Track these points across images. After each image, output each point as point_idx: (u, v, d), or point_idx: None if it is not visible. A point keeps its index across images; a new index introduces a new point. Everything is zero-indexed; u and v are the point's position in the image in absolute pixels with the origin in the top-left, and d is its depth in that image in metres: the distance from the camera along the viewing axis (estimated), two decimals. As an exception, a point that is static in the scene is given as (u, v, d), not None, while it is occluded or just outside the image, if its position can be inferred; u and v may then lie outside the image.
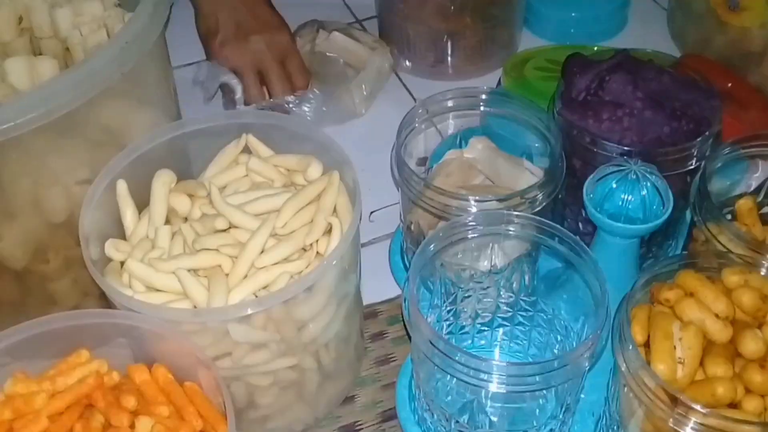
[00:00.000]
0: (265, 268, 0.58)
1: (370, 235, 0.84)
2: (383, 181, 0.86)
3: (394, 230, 0.83)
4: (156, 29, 0.62)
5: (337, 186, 0.62)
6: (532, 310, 0.68)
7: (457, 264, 0.66)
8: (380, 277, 0.79)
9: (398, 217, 0.78)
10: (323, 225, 0.60)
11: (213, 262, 0.59)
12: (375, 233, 0.84)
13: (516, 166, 0.69)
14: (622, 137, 0.66)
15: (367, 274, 0.78)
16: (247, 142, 0.67)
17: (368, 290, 0.77)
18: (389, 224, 0.84)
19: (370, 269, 0.79)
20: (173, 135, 0.66)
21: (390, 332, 0.76)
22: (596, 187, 0.62)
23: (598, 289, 0.58)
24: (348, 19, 1.11)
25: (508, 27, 1.01)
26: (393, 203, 0.85)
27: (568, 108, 0.69)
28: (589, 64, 0.71)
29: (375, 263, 0.80)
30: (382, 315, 0.77)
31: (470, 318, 0.69)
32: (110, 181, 0.63)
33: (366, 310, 0.76)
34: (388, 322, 0.76)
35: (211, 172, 0.67)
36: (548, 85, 0.91)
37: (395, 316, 0.77)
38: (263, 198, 0.62)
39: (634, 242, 0.63)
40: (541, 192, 0.64)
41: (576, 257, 0.59)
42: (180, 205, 0.63)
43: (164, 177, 0.63)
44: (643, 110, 0.67)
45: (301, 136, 0.66)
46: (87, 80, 0.57)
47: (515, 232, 0.62)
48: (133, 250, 0.60)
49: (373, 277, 0.79)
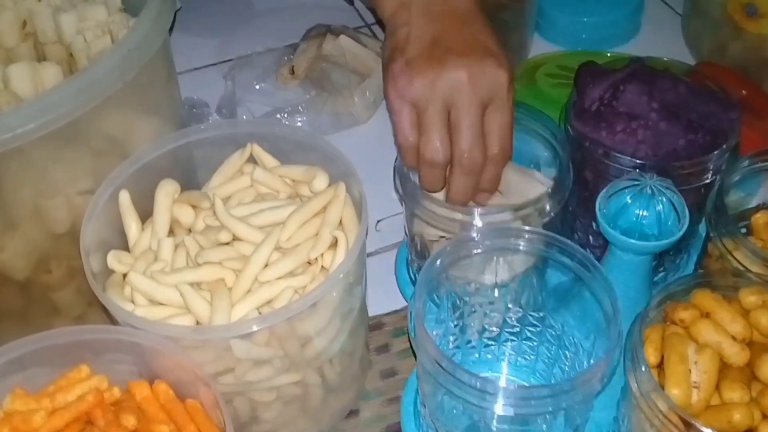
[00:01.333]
0: (269, 282, 0.57)
1: (376, 244, 0.83)
2: (390, 189, 0.84)
3: (400, 240, 0.82)
4: (159, 36, 0.60)
5: (343, 198, 0.61)
6: (540, 326, 0.66)
7: (463, 278, 0.65)
8: (386, 288, 0.78)
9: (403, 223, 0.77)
10: (328, 239, 0.59)
11: (216, 276, 0.57)
12: (381, 243, 0.83)
13: (526, 176, 0.68)
14: (636, 150, 0.65)
15: (372, 284, 0.77)
16: (252, 151, 0.66)
17: (373, 301, 0.76)
18: (396, 234, 0.83)
19: (375, 280, 0.77)
20: (177, 144, 0.65)
21: (395, 345, 0.74)
22: (609, 202, 0.60)
23: (609, 307, 0.56)
24: (357, 23, 1.10)
25: (519, 32, 0.99)
26: (400, 212, 0.84)
27: (581, 119, 0.67)
28: (603, 74, 0.69)
29: (381, 274, 0.79)
30: (388, 327, 0.76)
31: (477, 333, 0.68)
32: (113, 192, 0.61)
33: (371, 322, 0.75)
34: (393, 335, 0.75)
35: (215, 182, 0.66)
36: (559, 92, 0.90)
37: (401, 329, 0.75)
38: (268, 210, 0.61)
39: (647, 258, 0.62)
40: (548, 202, 0.62)
41: (587, 273, 0.58)
42: (183, 216, 0.62)
43: (167, 187, 0.62)
44: (658, 122, 0.65)
45: (307, 145, 0.65)
46: (88, 89, 0.55)
47: (523, 246, 0.60)
48: (136, 263, 0.59)
49: (379, 287, 0.77)
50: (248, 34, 1.08)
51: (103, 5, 0.68)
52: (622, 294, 0.56)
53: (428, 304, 0.64)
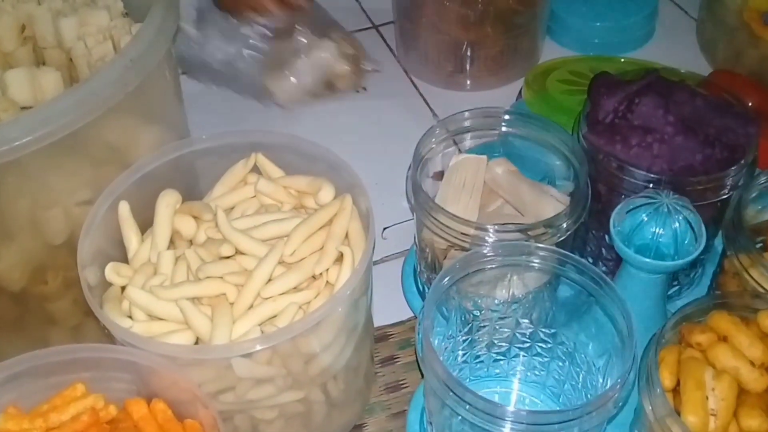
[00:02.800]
0: (272, 298, 0.55)
1: (382, 252, 0.81)
2: (397, 195, 0.82)
3: (407, 248, 0.80)
4: (163, 44, 0.59)
5: (350, 211, 0.59)
6: (552, 342, 0.64)
7: (474, 293, 0.63)
8: (392, 298, 0.76)
9: (412, 233, 0.75)
10: (334, 254, 0.57)
11: (217, 291, 0.56)
12: (387, 251, 0.81)
13: (541, 193, 0.66)
14: (652, 165, 0.63)
15: (377, 294, 0.75)
16: (257, 161, 0.64)
17: (379, 311, 0.74)
18: (402, 241, 0.81)
19: (381, 289, 0.75)
20: (180, 153, 0.63)
21: (401, 357, 0.73)
22: (625, 219, 0.58)
23: (623, 327, 0.54)
24: (364, 24, 1.08)
25: (530, 36, 0.97)
26: (407, 219, 0.82)
27: (595, 131, 0.65)
28: (617, 85, 0.67)
29: (387, 283, 0.77)
30: (393, 338, 0.74)
31: (486, 348, 0.66)
32: (113, 202, 0.60)
33: (376, 333, 0.73)
34: (399, 346, 0.73)
35: (217, 192, 0.64)
36: (571, 99, 0.88)
37: (407, 340, 0.74)
38: (271, 223, 0.59)
39: (663, 277, 0.60)
40: (565, 221, 0.61)
41: (600, 292, 0.56)
42: (185, 227, 0.60)
43: (169, 198, 0.60)
44: (674, 136, 0.63)
45: (312, 155, 0.63)
46: (89, 100, 0.54)
47: (536, 263, 0.58)
48: (135, 275, 0.58)
49: (385, 297, 0.76)
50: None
51: (105, 10, 0.67)
52: (635, 312, 0.55)
53: (437, 317, 0.62)
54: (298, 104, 0.94)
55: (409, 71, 1.00)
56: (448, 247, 0.65)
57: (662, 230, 0.57)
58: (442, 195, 0.68)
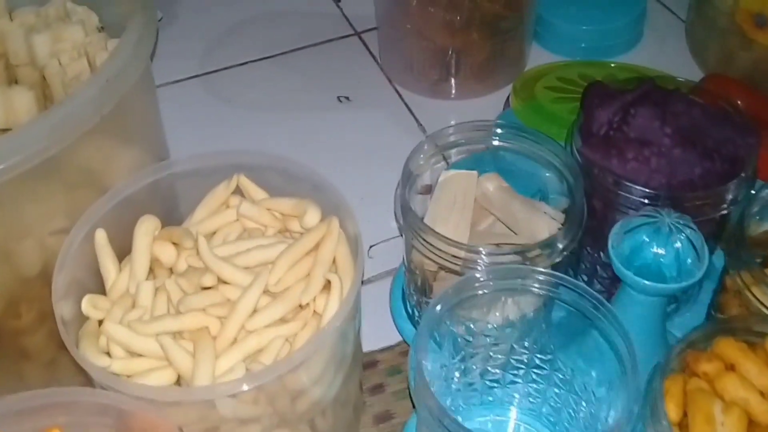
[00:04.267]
0: (257, 331, 0.53)
1: (369, 272, 0.78)
2: (383, 211, 0.80)
3: (395, 266, 0.77)
4: (140, 63, 0.56)
5: (337, 235, 0.57)
6: (548, 369, 0.62)
7: (466, 317, 0.60)
8: (380, 321, 0.73)
9: (399, 251, 0.72)
10: (321, 282, 0.54)
11: (199, 324, 0.53)
12: (374, 269, 0.78)
13: (534, 210, 0.64)
14: (650, 180, 0.61)
15: (364, 316, 0.72)
16: (239, 183, 0.61)
17: (366, 336, 0.71)
18: (390, 260, 0.78)
19: (368, 311, 0.72)
20: (159, 176, 0.60)
21: (390, 385, 0.70)
22: (623, 240, 0.56)
23: (625, 357, 0.52)
24: (346, 31, 1.05)
25: (517, 42, 0.95)
26: (394, 236, 0.80)
27: (589, 145, 0.63)
28: (611, 95, 0.65)
29: (374, 305, 0.74)
30: (382, 365, 0.71)
31: (479, 375, 0.64)
32: (89, 230, 0.57)
33: (364, 360, 0.71)
34: (388, 373, 0.71)
35: (198, 216, 0.61)
36: (560, 107, 0.86)
37: (396, 367, 0.71)
38: (255, 249, 0.56)
39: (663, 298, 0.57)
40: (562, 242, 0.58)
41: (599, 317, 0.54)
42: (164, 255, 0.57)
43: (147, 225, 0.57)
44: (672, 149, 0.61)
45: (296, 176, 0.60)
46: (62, 125, 0.51)
47: (531, 287, 0.56)
48: (113, 308, 0.55)
49: (372, 320, 0.73)
50: (234, 43, 1.03)
51: (79, 25, 0.64)
52: (635, 335, 0.52)
53: (429, 342, 0.60)
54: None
55: (392, 79, 0.98)
56: (439, 269, 0.63)
57: (663, 251, 0.55)
58: (431, 214, 0.65)
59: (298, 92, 0.96)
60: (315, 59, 1.00)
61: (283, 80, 0.98)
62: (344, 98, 0.95)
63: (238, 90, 0.97)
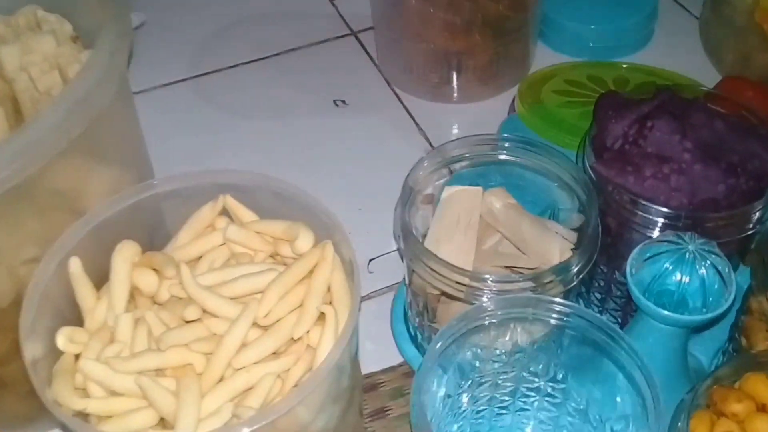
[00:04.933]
0: (246, 368, 0.48)
1: (370, 287, 0.74)
2: (383, 221, 0.75)
3: (396, 281, 0.73)
4: (114, 78, 0.51)
5: (332, 261, 0.52)
6: (560, 398, 0.58)
7: (473, 344, 0.56)
8: (381, 339, 0.69)
9: (401, 265, 0.68)
10: (315, 314, 0.50)
11: (183, 361, 0.49)
12: (374, 285, 0.74)
13: (544, 230, 0.59)
14: (669, 199, 0.56)
15: (365, 335, 0.69)
16: (226, 204, 0.57)
17: (367, 355, 0.67)
18: (391, 274, 0.74)
19: (368, 330, 0.69)
20: (139, 198, 0.56)
21: (393, 408, 0.66)
22: (643, 266, 0.51)
23: (646, 392, 0.48)
24: (342, 31, 1.00)
25: (522, 43, 0.90)
26: (395, 249, 0.76)
27: (603, 161, 0.58)
28: (626, 106, 0.61)
29: (375, 322, 0.70)
30: (384, 387, 0.67)
31: (487, 402, 0.60)
32: (63, 258, 0.52)
33: (365, 382, 0.66)
34: (391, 396, 0.66)
35: (182, 240, 0.57)
36: (569, 112, 0.82)
37: (399, 389, 0.67)
38: (243, 278, 0.52)
39: (687, 329, 0.53)
40: (575, 266, 0.54)
41: (617, 349, 0.50)
42: (145, 283, 0.53)
43: (126, 252, 0.53)
44: (692, 164, 0.57)
45: (287, 197, 0.56)
46: (34, 148, 0.46)
47: (542, 317, 0.52)
48: (90, 342, 0.50)
49: (373, 339, 0.69)
50: (224, 45, 0.98)
51: (51, 35, 0.59)
52: (652, 364, 0.49)
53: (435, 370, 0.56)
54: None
55: (391, 82, 0.93)
56: (443, 293, 0.59)
57: (688, 278, 0.50)
58: (433, 234, 0.61)
59: (291, 96, 0.92)
60: (309, 61, 0.96)
61: (275, 83, 0.93)
62: (341, 102, 0.91)
63: (228, 94, 0.92)
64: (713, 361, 0.65)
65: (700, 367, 0.64)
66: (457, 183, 0.63)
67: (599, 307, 0.67)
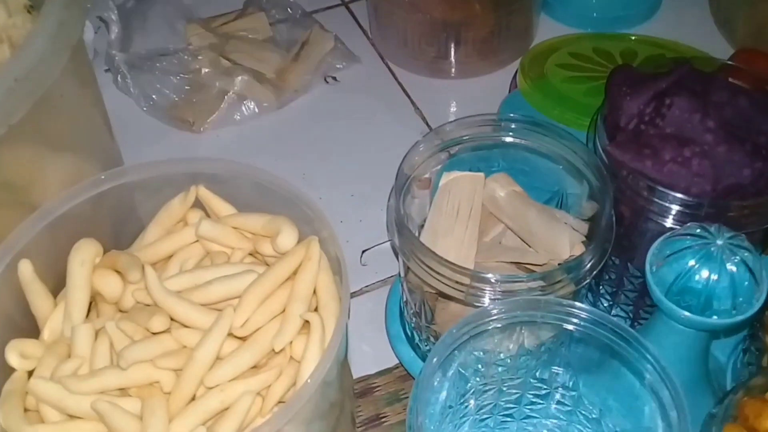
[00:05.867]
0: (220, 386, 0.43)
1: (362, 281, 0.68)
2: (376, 208, 0.70)
3: (391, 275, 0.68)
4: (62, 53, 0.45)
5: (318, 261, 0.47)
6: (570, 405, 0.53)
7: (476, 349, 0.51)
8: (375, 339, 0.64)
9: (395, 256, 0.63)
10: (298, 322, 0.45)
11: (148, 379, 0.43)
12: (368, 278, 0.68)
13: (552, 221, 0.54)
14: (690, 185, 0.51)
15: (357, 334, 0.63)
16: (199, 195, 0.51)
17: (359, 357, 0.62)
18: (386, 266, 0.69)
19: (361, 329, 0.64)
20: (100, 190, 0.50)
21: (389, 415, 0.60)
22: (665, 263, 0.46)
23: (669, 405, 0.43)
24: (333, 1, 0.94)
25: (524, 13, 0.84)
26: (389, 240, 0.70)
27: (618, 144, 0.53)
28: (642, 82, 0.55)
29: (368, 320, 0.65)
30: (379, 391, 0.62)
31: (491, 411, 0.54)
32: (12, 259, 0.47)
33: (357, 387, 0.61)
34: (387, 402, 0.61)
35: (151, 236, 0.51)
36: (574, 87, 0.76)
37: (395, 394, 0.61)
38: (218, 281, 0.46)
39: (709, 333, 0.48)
40: (587, 263, 0.48)
41: (636, 356, 0.45)
42: (107, 287, 0.47)
43: (84, 252, 0.47)
44: (715, 146, 0.51)
45: (267, 187, 0.50)
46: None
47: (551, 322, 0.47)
48: (45, 357, 0.45)
49: (366, 338, 0.64)
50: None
51: (2, 4, 0.53)
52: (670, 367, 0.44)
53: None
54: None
55: (385, 56, 0.87)
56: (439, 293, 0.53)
57: (717, 276, 0.45)
58: (431, 225, 0.55)
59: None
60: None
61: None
62: (331, 78, 0.85)
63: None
64: (731, 359, 0.60)
65: (718, 366, 0.59)
66: (456, 168, 0.58)
67: (609, 301, 0.62)
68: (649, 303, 0.60)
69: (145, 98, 0.78)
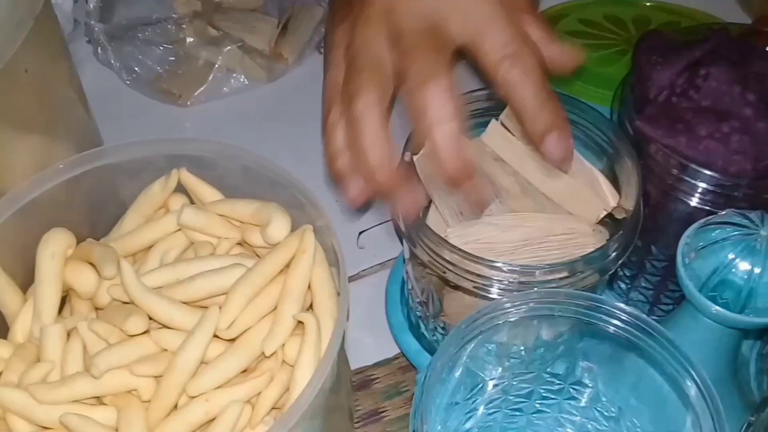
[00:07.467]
0: (204, 395, 0.38)
1: (359, 264, 0.63)
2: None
3: (391, 257, 0.63)
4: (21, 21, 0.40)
5: (313, 254, 0.42)
6: (585, 402, 0.49)
7: (487, 342, 0.46)
8: (374, 326, 0.59)
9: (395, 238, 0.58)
10: (291, 323, 0.40)
11: (124, 387, 0.39)
12: (366, 261, 0.64)
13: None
14: (729, 164, 0.46)
15: (354, 322, 0.58)
16: (181, 179, 0.46)
17: (357, 347, 0.58)
18: (384, 248, 0.63)
19: (359, 316, 0.59)
20: (72, 174, 0.45)
21: (388, 410, 0.56)
22: (699, 256, 0.41)
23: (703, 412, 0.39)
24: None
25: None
26: (388, 219, 0.65)
27: (648, 118, 0.48)
28: (674, 50, 0.50)
29: (366, 307, 0.60)
30: (378, 384, 0.57)
31: (500, 405, 0.50)
32: (-26, 253, 0.42)
33: (356, 379, 0.57)
34: (387, 395, 0.57)
35: (128, 225, 0.46)
36: (587, 58, 0.70)
37: (395, 386, 0.57)
38: (201, 276, 0.42)
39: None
40: (613, 252, 0.44)
41: (666, 356, 0.41)
42: (81, 282, 0.43)
43: (54, 244, 0.43)
44: (756, 122, 0.46)
45: (256, 171, 0.45)
46: None
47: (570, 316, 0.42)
48: (10, 361, 0.40)
49: (365, 327, 0.59)
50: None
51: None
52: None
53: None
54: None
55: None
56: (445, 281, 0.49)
57: (759, 270, 0.40)
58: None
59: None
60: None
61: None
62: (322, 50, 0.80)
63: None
64: (753, 350, 0.56)
65: (741, 358, 0.55)
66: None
67: (628, 284, 0.58)
68: (672, 288, 0.56)
69: (127, 71, 0.73)
